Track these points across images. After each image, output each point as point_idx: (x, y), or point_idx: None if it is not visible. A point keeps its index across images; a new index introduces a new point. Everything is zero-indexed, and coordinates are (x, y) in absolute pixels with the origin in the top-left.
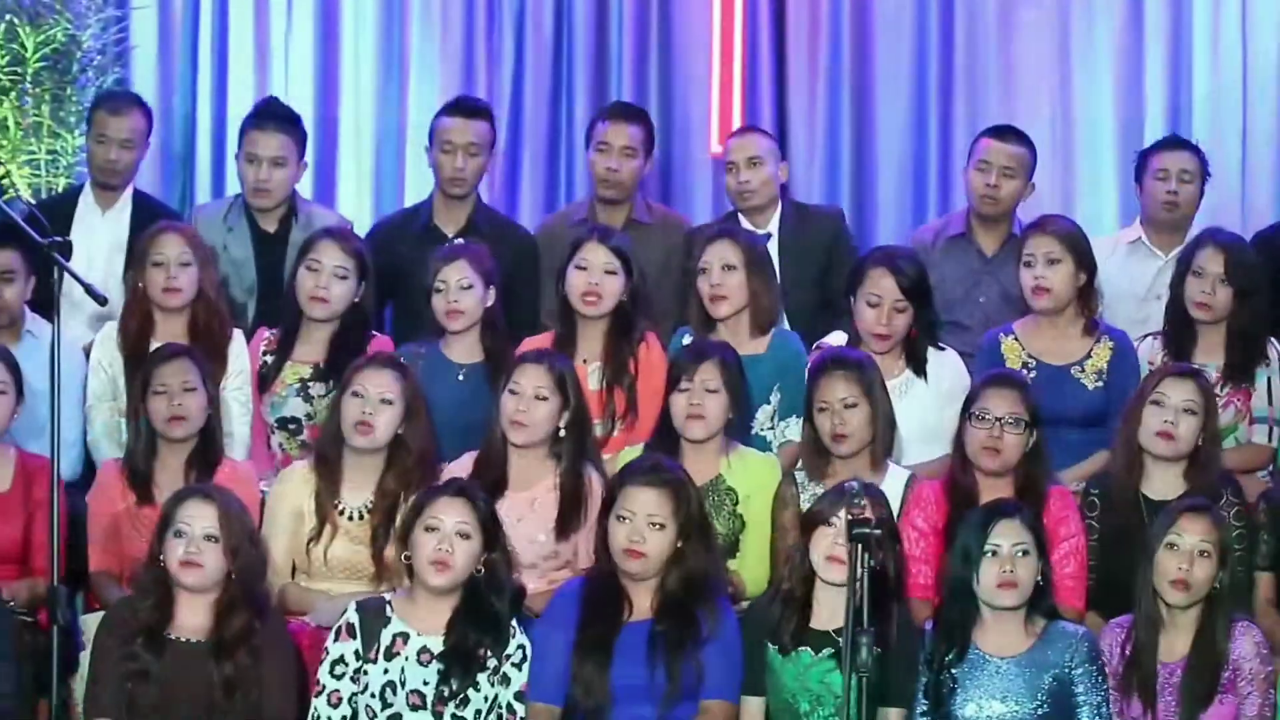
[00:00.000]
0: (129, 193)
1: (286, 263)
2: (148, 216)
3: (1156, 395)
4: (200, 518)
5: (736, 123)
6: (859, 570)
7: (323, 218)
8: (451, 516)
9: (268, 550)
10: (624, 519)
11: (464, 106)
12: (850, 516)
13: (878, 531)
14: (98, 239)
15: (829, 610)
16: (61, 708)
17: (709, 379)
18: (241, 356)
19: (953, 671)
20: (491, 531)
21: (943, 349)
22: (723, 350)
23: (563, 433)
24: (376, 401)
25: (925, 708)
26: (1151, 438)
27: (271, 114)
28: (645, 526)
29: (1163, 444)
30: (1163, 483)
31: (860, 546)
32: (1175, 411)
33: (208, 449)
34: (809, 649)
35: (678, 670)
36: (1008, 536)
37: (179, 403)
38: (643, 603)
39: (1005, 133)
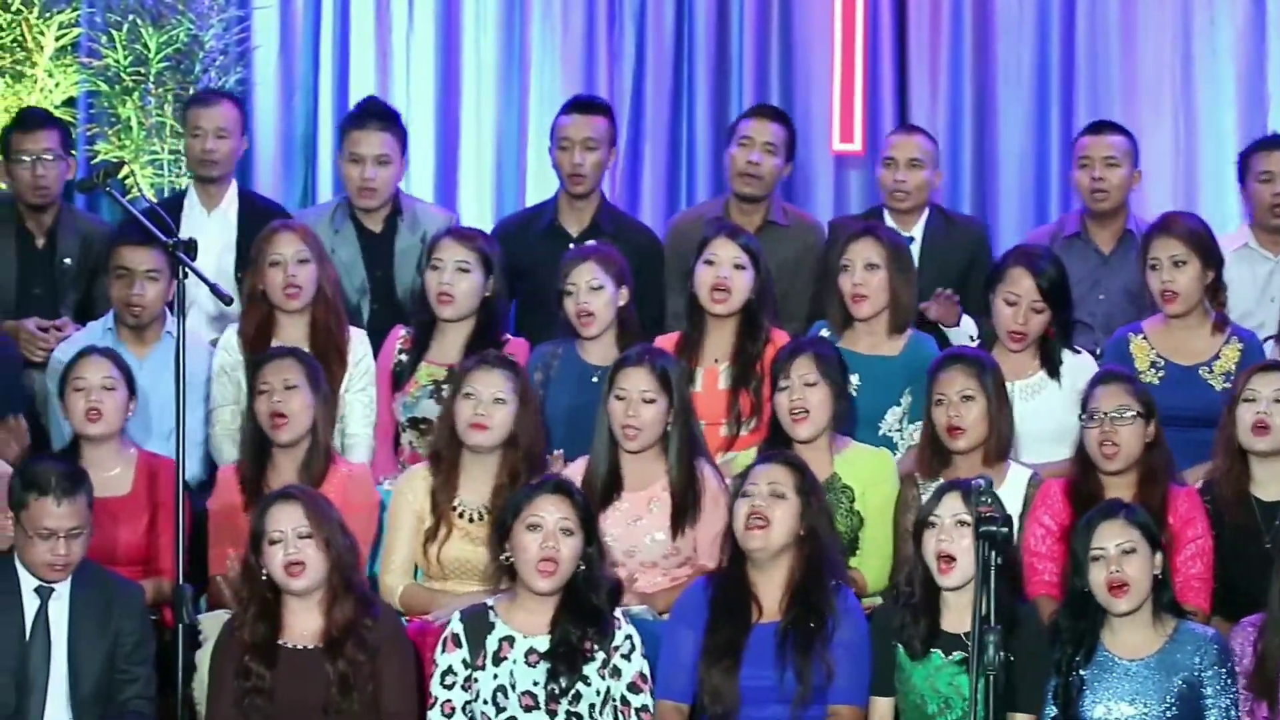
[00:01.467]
0: (233, 191)
1: (394, 260)
2: (254, 213)
3: (1248, 392)
4: (290, 520)
5: (858, 121)
6: (986, 568)
7: (427, 214)
8: (553, 512)
9: (361, 538)
10: (747, 494)
11: (581, 103)
12: (977, 514)
13: (1005, 530)
14: (206, 239)
15: (958, 613)
16: (185, 705)
17: (806, 373)
18: (366, 357)
19: (1081, 673)
20: (590, 526)
21: (1078, 352)
22: (817, 344)
23: (669, 428)
24: (489, 402)
25: (1054, 710)
26: (1247, 433)
27: (373, 113)
28: (768, 495)
29: (1258, 438)
30: (1271, 483)
31: (987, 544)
32: (1268, 403)
33: (315, 453)
34: (939, 651)
35: (808, 671)
36: (1111, 538)
37: (279, 400)
38: (770, 603)
39: (1100, 126)
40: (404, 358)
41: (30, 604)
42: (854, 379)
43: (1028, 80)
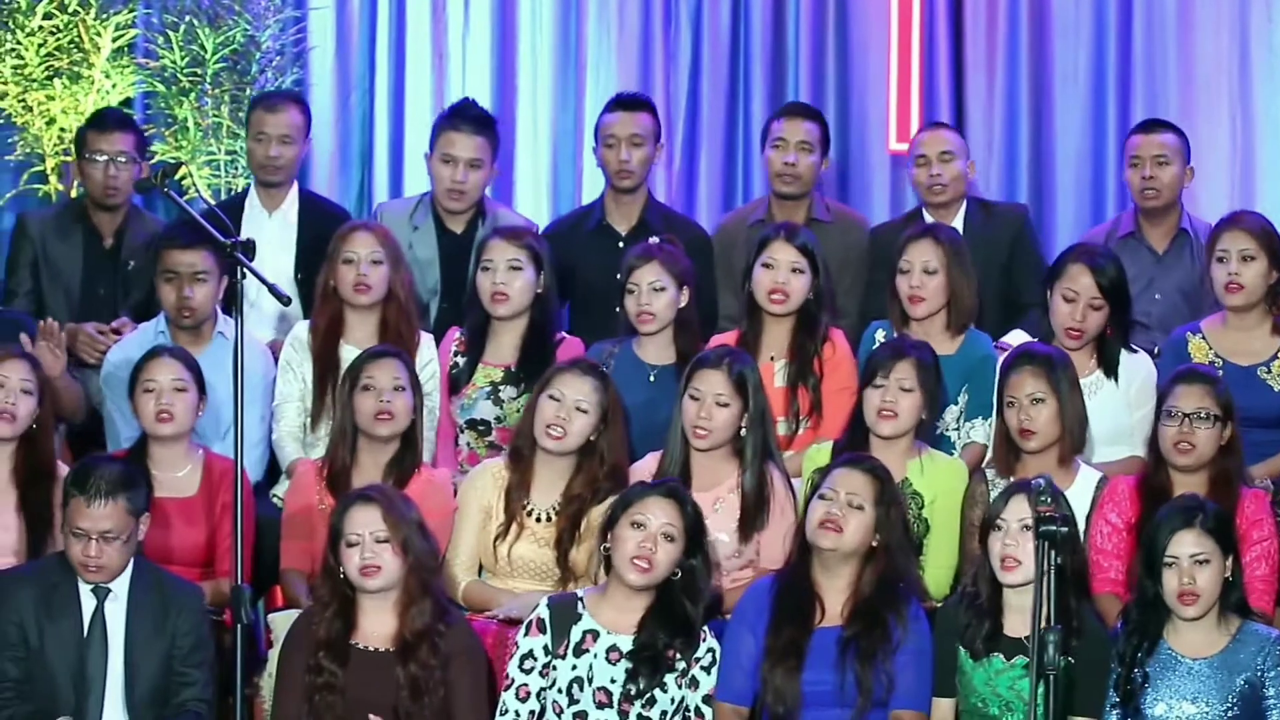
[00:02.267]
0: (294, 192)
1: (471, 264)
2: (315, 215)
3: None
4: (367, 522)
5: (914, 121)
6: (1045, 567)
7: (508, 220)
8: (659, 516)
9: (439, 544)
10: (825, 497)
11: (625, 100)
12: (1036, 514)
13: (1064, 529)
14: (266, 239)
15: (1020, 616)
16: (245, 706)
17: (904, 378)
18: (432, 363)
19: (1144, 669)
20: (695, 537)
21: (1135, 351)
22: (920, 350)
23: (744, 433)
24: (572, 407)
25: (1115, 702)
26: None
27: (469, 116)
28: (846, 504)
29: None
30: None
31: (1046, 543)
32: None
33: (407, 455)
34: (1000, 655)
35: (869, 679)
36: (1186, 547)
37: (387, 399)
38: (834, 606)
39: (1150, 125)
40: (460, 360)
41: (88, 604)
42: None
43: (1084, 79)
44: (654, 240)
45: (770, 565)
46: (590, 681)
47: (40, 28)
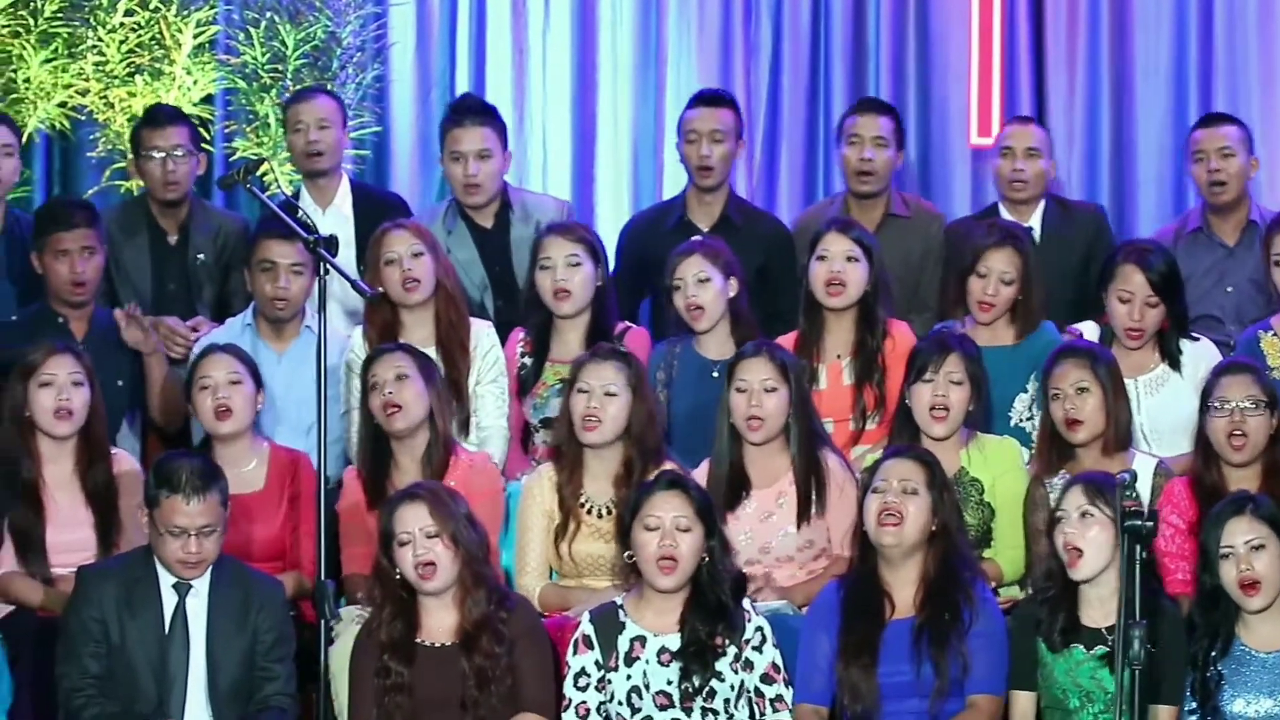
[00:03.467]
0: (345, 185)
1: (511, 254)
2: (369, 205)
3: None
4: (416, 520)
5: (996, 115)
6: (1131, 563)
7: (539, 204)
8: (669, 510)
9: (490, 528)
10: (879, 490)
11: (707, 97)
12: (1121, 509)
13: (1150, 524)
14: None
15: (1097, 607)
16: (327, 700)
17: (953, 370)
18: (494, 349)
19: (1218, 668)
20: (708, 520)
21: (1196, 339)
22: (965, 343)
23: (789, 420)
24: (601, 395)
25: (1193, 704)
26: None
27: (469, 109)
28: (901, 492)
29: None
30: None
31: (1131, 538)
32: None
33: (434, 445)
34: (1081, 646)
35: (945, 664)
36: (1240, 534)
37: (391, 391)
38: (904, 599)
39: (1212, 119)
40: (527, 360)
41: (169, 600)
42: None
43: (1165, 72)
44: (696, 238)
45: (843, 551)
46: (648, 688)
47: (121, 24)
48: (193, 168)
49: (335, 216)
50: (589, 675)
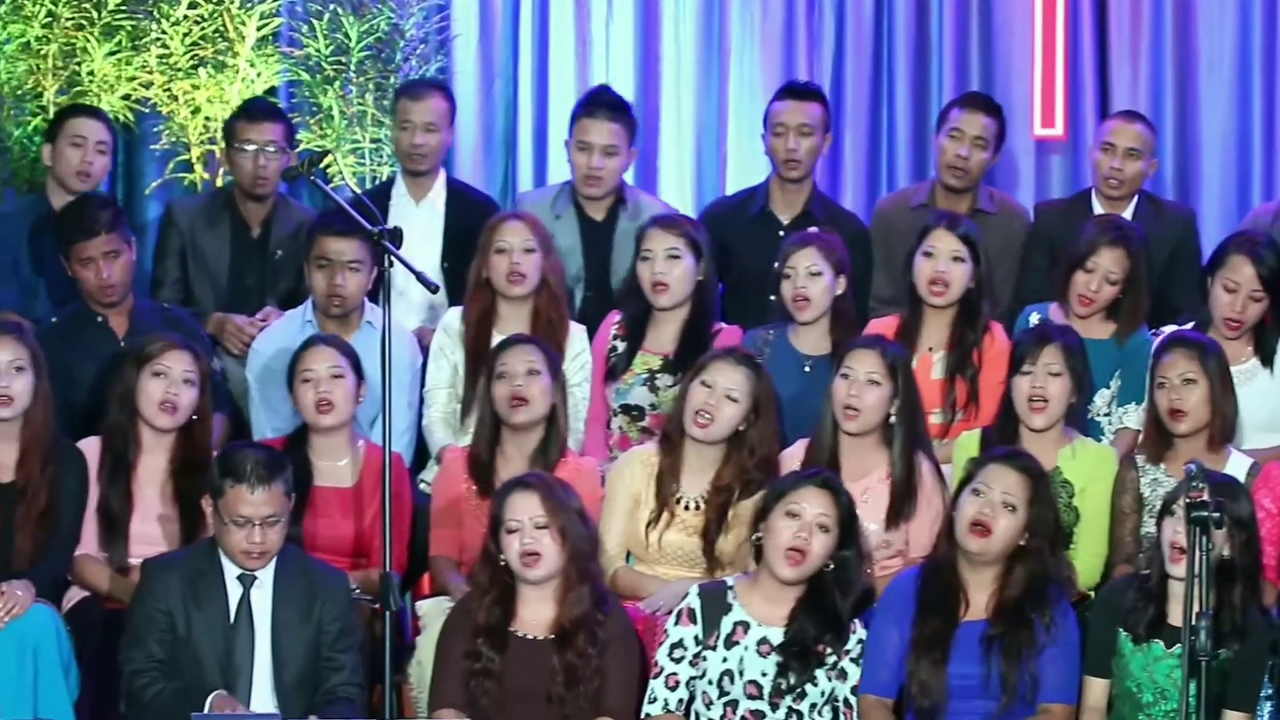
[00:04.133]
0: (442, 180)
1: (614, 251)
2: (463, 204)
3: None
4: (528, 509)
5: (1059, 107)
6: (1199, 553)
7: (650, 206)
8: (814, 506)
9: (598, 531)
10: (978, 493)
11: (796, 89)
12: (1188, 500)
13: (1216, 514)
14: (413, 228)
15: (1182, 605)
16: (394, 693)
17: (1052, 362)
18: (583, 353)
19: None
20: (849, 528)
21: None
22: (1066, 334)
23: (893, 419)
24: (722, 395)
25: (1269, 693)
26: None
27: (603, 102)
28: (998, 504)
29: None
30: None
31: (1198, 530)
32: None
33: (551, 442)
34: (1161, 642)
35: (1013, 676)
36: None
37: (520, 384)
38: (979, 600)
39: None
40: (619, 345)
41: (234, 592)
42: None
43: (1229, 65)
44: (813, 229)
45: (919, 555)
46: (741, 675)
47: (185, 17)
48: (283, 164)
49: (428, 211)
50: (685, 648)
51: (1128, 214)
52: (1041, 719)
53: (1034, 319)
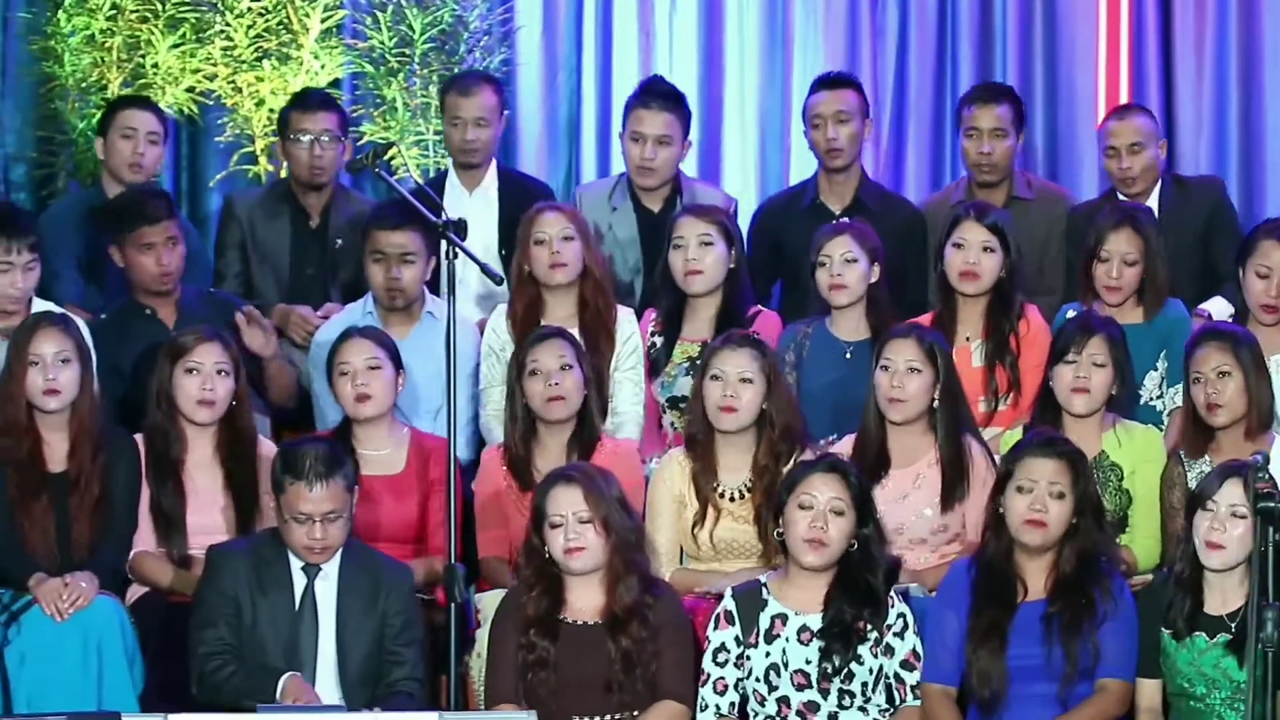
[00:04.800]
0: (493, 170)
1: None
2: (516, 191)
3: None
4: (570, 503)
5: (1124, 95)
6: (1264, 545)
7: (706, 195)
8: (825, 492)
9: (642, 522)
10: (1025, 489)
11: (829, 80)
12: (1255, 490)
13: None
14: (468, 218)
15: (1221, 595)
16: (459, 684)
17: (1096, 353)
18: (634, 336)
19: None
20: (864, 507)
21: None
22: (1109, 325)
23: (936, 404)
24: (736, 381)
25: None
26: None
27: (657, 92)
28: (1047, 495)
29: None
30: None
31: (1262, 520)
32: None
33: (585, 430)
34: (1203, 634)
35: (1075, 651)
36: None
37: (555, 382)
38: (1036, 583)
39: None
40: (657, 340)
41: (299, 582)
42: None
43: None
44: (845, 219)
45: (978, 538)
46: (786, 666)
47: (249, 9)
48: (339, 153)
49: (481, 200)
50: (728, 651)
51: (1153, 198)
52: (1099, 697)
53: (1072, 314)
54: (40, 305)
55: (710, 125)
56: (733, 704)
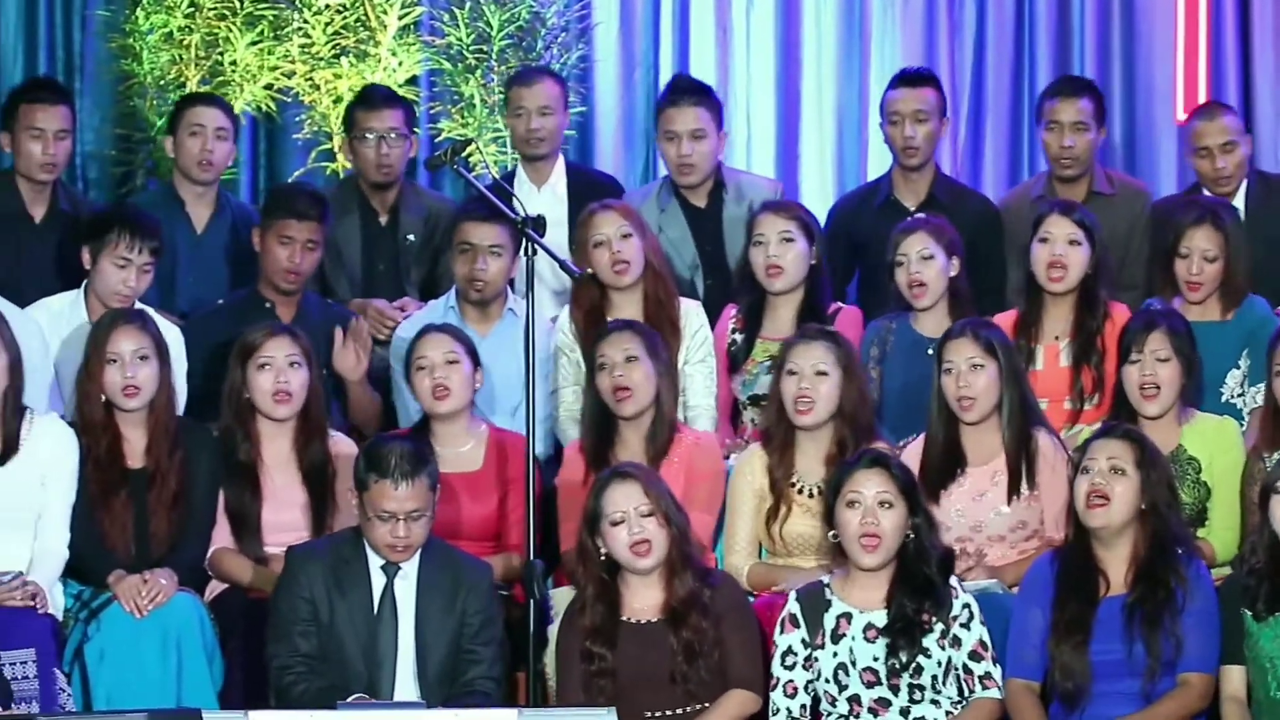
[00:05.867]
0: (560, 166)
1: (724, 233)
2: (583, 186)
3: None
4: (631, 499)
5: (1202, 90)
6: None
7: (753, 184)
8: (871, 487)
9: (715, 507)
10: (1086, 470)
11: (908, 77)
12: None
13: None
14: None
15: None
16: (537, 680)
17: (1159, 349)
18: (702, 328)
19: None
20: (913, 497)
21: None
22: (1170, 318)
23: (1001, 396)
24: (811, 376)
25: None
26: None
27: (683, 89)
28: (1107, 471)
29: None
30: None
31: None
32: None
33: (660, 423)
34: None
35: (1157, 644)
36: None
37: (620, 374)
38: (1117, 577)
39: None
40: (738, 337)
41: (378, 581)
42: None
43: None
44: (919, 215)
45: (1055, 534)
46: (855, 664)
47: (327, 6)
48: (406, 150)
49: (549, 196)
50: (796, 654)
51: (1239, 197)
52: (1180, 691)
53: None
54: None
55: (788, 121)
56: (804, 706)
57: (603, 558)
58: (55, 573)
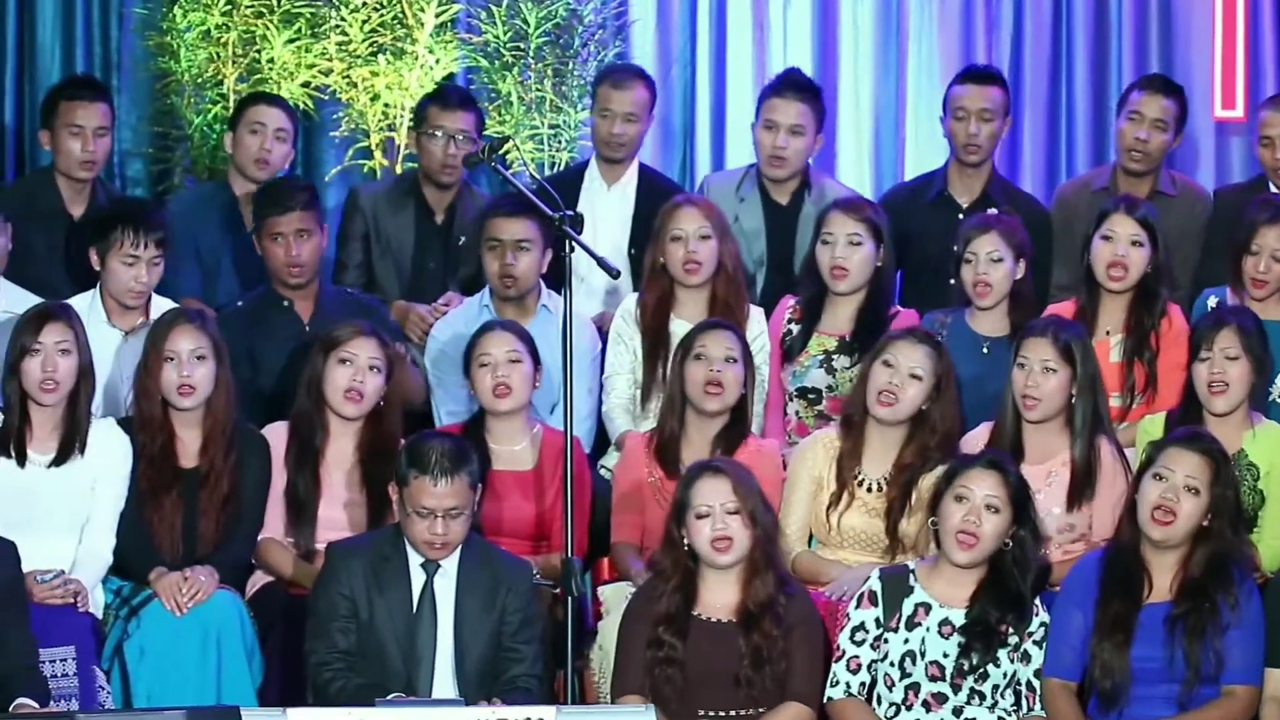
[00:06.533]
0: (634, 167)
1: (797, 236)
2: (653, 191)
3: None
4: (718, 494)
5: (1240, 88)
6: None
7: (836, 191)
8: (982, 488)
9: (778, 514)
10: (1160, 478)
11: (976, 73)
12: None
13: None
14: (604, 213)
15: None
16: (576, 678)
17: (1228, 346)
18: (761, 335)
19: None
20: (1022, 506)
21: None
22: (1240, 315)
23: (1074, 400)
24: (905, 375)
25: None
26: None
27: (793, 83)
28: (1182, 489)
29: None
30: None
31: None
32: None
33: (736, 425)
34: None
35: (1197, 656)
36: None
37: (718, 370)
38: (1163, 582)
39: None
40: (794, 328)
41: (417, 579)
42: None
43: None
44: (992, 211)
45: (1102, 538)
46: (923, 655)
47: (364, 4)
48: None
49: (619, 196)
50: (867, 631)
51: None
52: (1225, 701)
53: (1212, 302)
54: (158, 301)
55: (826, 116)
56: (863, 684)
57: (686, 547)
58: (97, 577)
